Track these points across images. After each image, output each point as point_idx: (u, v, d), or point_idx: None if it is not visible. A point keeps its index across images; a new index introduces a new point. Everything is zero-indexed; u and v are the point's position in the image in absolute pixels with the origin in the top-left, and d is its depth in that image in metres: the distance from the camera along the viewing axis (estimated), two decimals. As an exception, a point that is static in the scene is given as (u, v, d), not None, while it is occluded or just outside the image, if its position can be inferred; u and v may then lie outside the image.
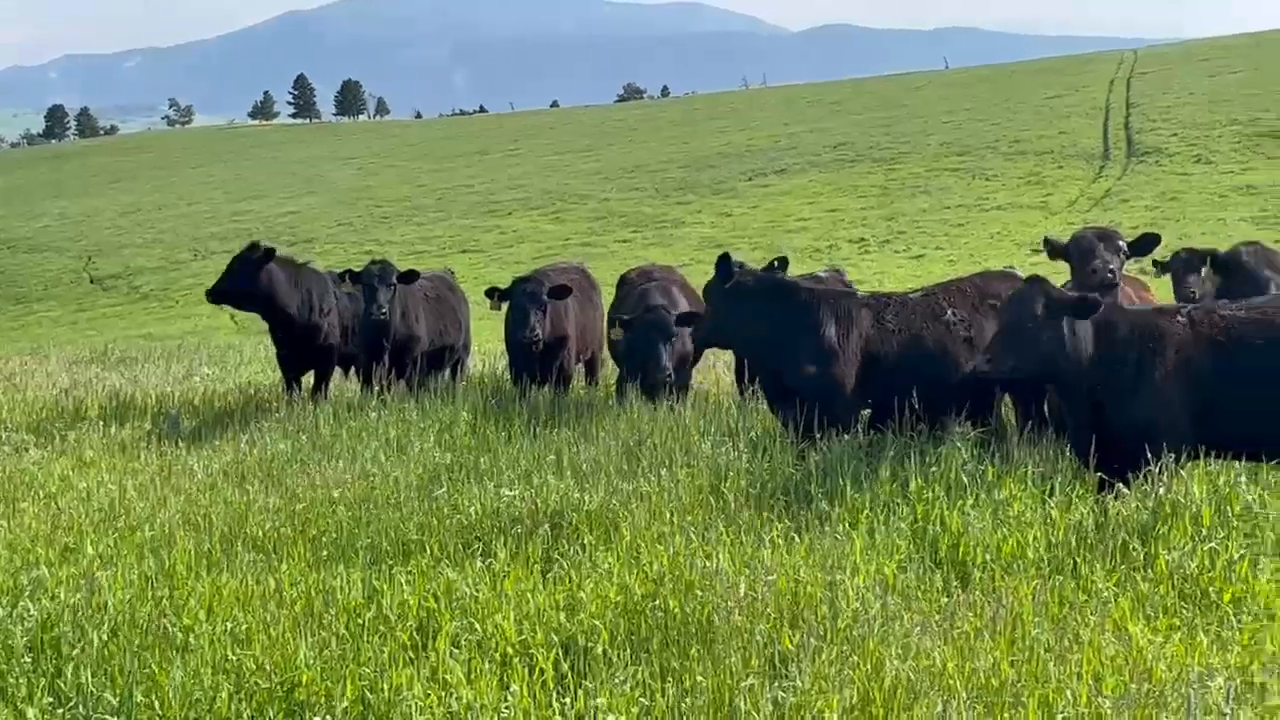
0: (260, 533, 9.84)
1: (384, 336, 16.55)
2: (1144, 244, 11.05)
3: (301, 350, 16.69)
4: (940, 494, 9.58)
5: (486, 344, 22.93)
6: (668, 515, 9.42)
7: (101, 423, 15.07)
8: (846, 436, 11.06)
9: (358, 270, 16.55)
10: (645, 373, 13.88)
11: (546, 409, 14.00)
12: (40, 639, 7.44)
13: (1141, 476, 9.57)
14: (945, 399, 11.45)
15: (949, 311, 11.85)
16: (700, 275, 13.90)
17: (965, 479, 9.90)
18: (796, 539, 8.83)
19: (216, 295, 16.52)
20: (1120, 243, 10.69)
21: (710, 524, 9.14)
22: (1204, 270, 14.74)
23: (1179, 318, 9.81)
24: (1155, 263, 14.75)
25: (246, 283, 16.01)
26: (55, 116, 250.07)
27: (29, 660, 7.12)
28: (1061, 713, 6.24)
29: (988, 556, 8.51)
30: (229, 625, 7.62)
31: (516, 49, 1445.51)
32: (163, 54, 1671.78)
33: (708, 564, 8.20)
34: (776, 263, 15.04)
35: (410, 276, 16.69)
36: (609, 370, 17.01)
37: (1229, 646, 6.99)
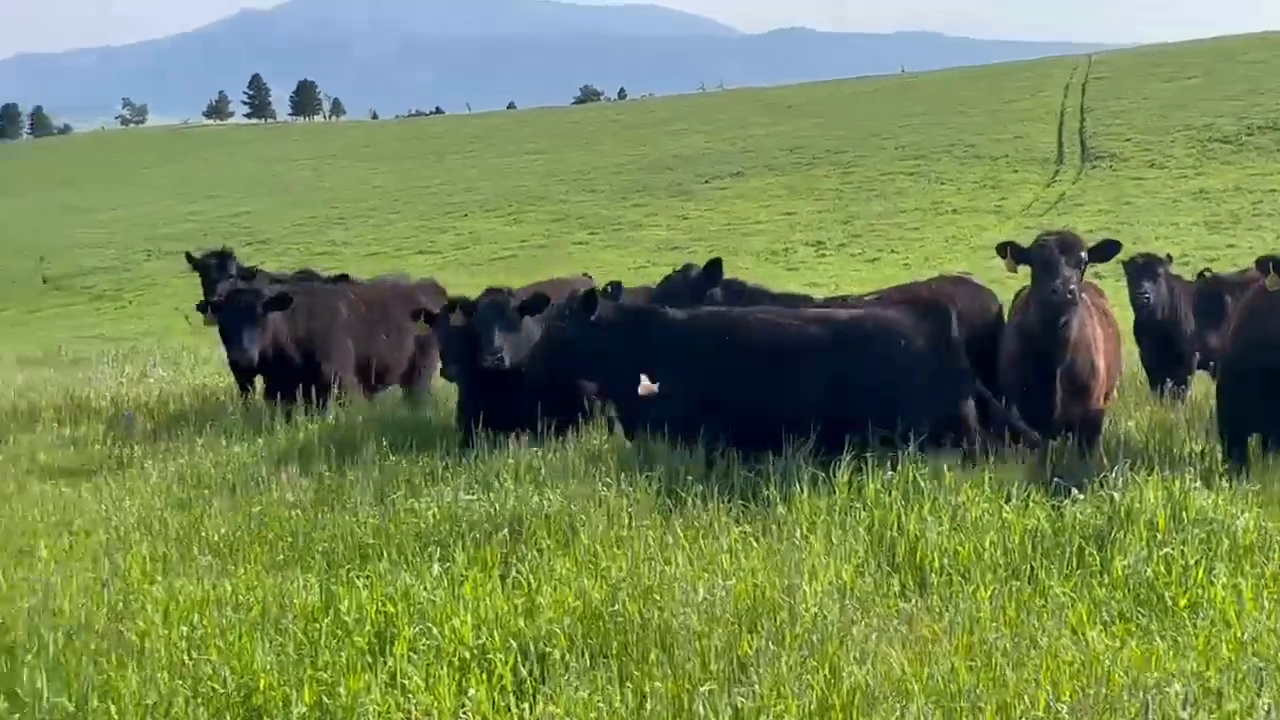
0: (216, 536, 9.77)
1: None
2: (1104, 250, 11.07)
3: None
4: (897, 499, 9.60)
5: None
6: (626, 520, 9.40)
7: (56, 424, 14.95)
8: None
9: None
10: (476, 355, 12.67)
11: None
12: (-5, 643, 7.37)
13: (1096, 482, 9.65)
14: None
15: None
16: (656, 278, 13.83)
17: (922, 483, 9.92)
18: (754, 543, 8.83)
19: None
20: (1081, 253, 10.70)
21: (668, 529, 9.13)
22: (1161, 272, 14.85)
23: None
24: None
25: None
26: (8, 115, 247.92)
27: (-18, 665, 7.05)
28: (1020, 718, 6.27)
29: (945, 561, 8.53)
30: (185, 630, 7.57)
31: (472, 50, 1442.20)
32: (117, 52, 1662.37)
33: (666, 569, 8.19)
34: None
35: (282, 301, 14.61)
36: None
37: (1185, 652, 7.02)
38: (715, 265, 13.88)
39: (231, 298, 14.30)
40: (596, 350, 11.50)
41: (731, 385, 11.15)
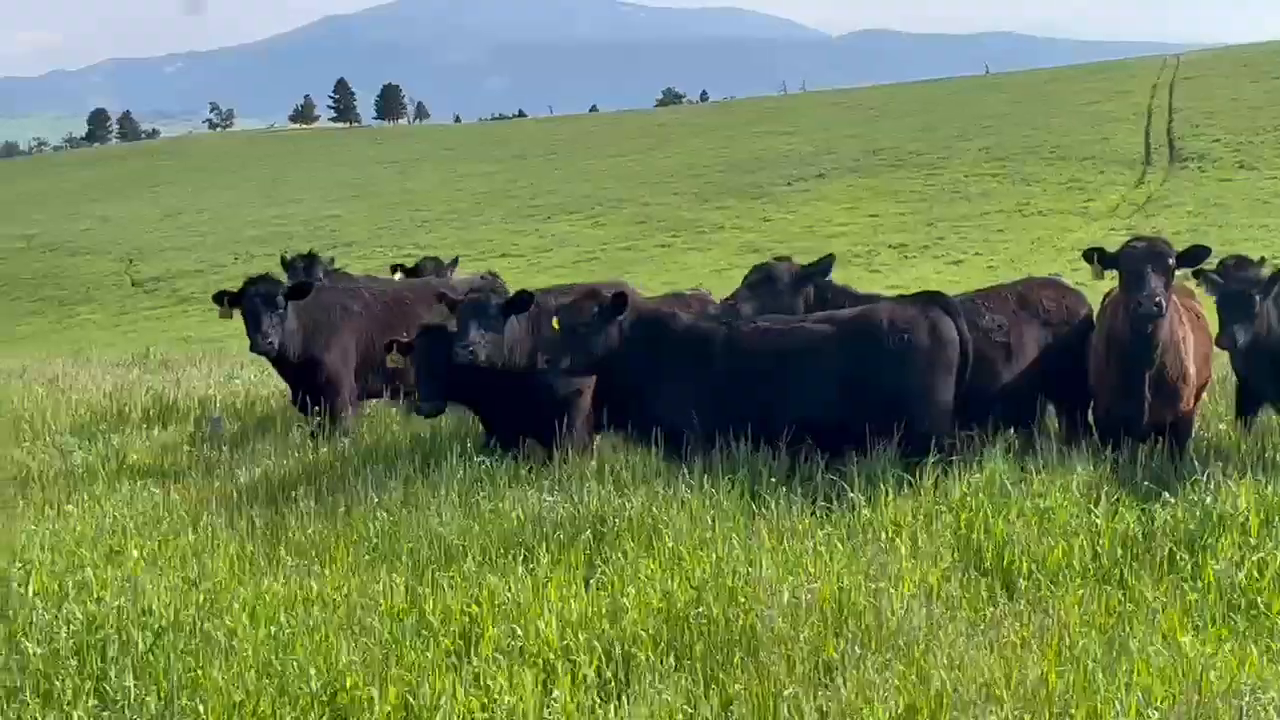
0: (302, 537, 9.84)
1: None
2: (1193, 256, 10.89)
3: None
4: (984, 502, 9.52)
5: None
6: (709, 521, 9.38)
7: (144, 426, 15.12)
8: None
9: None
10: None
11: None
12: (85, 642, 7.45)
13: (1187, 485, 9.53)
14: (981, 404, 11.35)
15: (986, 317, 11.74)
16: (738, 281, 13.62)
17: (1009, 487, 9.84)
18: (839, 546, 8.78)
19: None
20: (1170, 260, 10.53)
21: (752, 531, 9.10)
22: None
23: None
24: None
25: None
26: (98, 120, 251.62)
27: (74, 663, 7.13)
28: (1110, 724, 6.19)
29: (1033, 565, 8.45)
30: (272, 629, 7.63)
31: (555, 53, 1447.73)
32: (204, 58, 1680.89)
33: (750, 570, 8.16)
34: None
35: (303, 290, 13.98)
36: None
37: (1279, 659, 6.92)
38: (826, 261, 13.42)
39: (251, 285, 13.65)
40: (615, 352, 11.42)
41: (739, 389, 11.16)
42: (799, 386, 10.98)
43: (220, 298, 13.93)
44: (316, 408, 13.92)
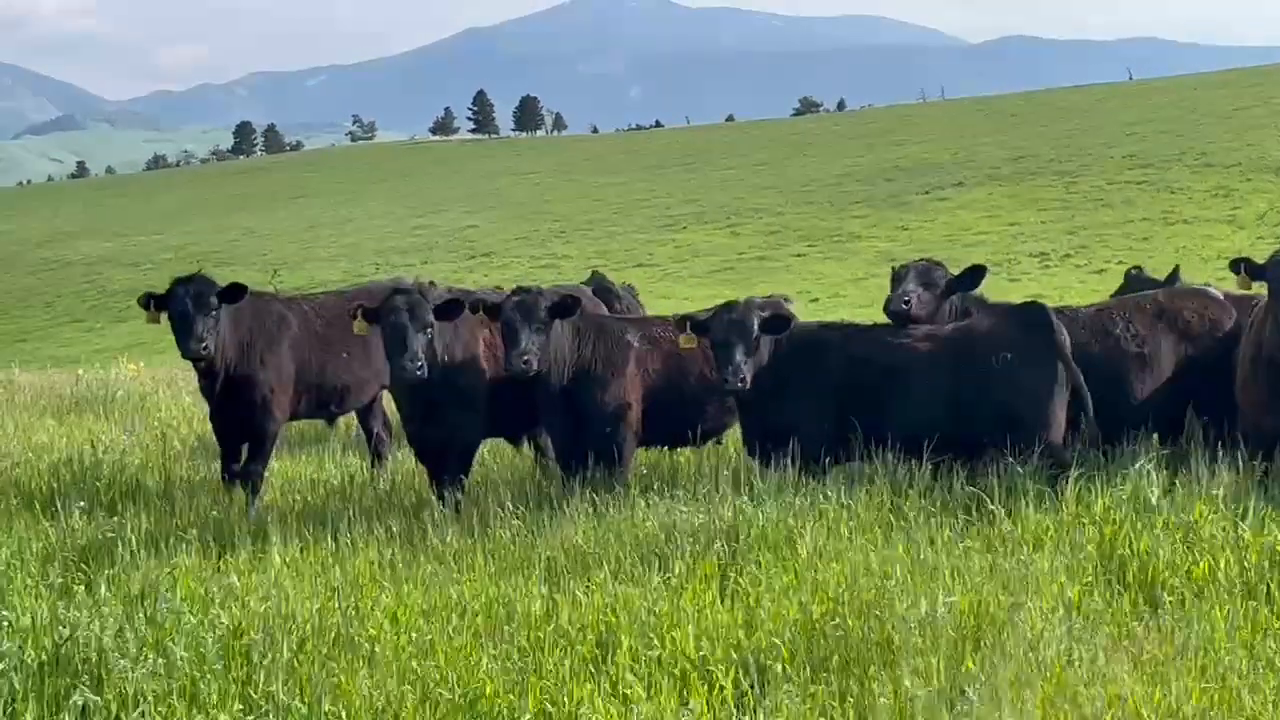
0: (440, 544, 9.95)
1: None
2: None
3: None
4: (1128, 515, 9.37)
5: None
6: (845, 532, 9.34)
7: (289, 432, 15.38)
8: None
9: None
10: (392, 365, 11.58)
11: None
12: (231, 647, 7.61)
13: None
14: (1115, 416, 11.19)
15: (1120, 326, 11.56)
16: (877, 290, 13.53)
17: (1154, 500, 9.68)
18: (977, 559, 8.69)
19: None
20: None
21: (888, 542, 9.04)
22: None
23: None
24: None
25: None
26: (243, 133, 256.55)
27: (220, 667, 7.27)
28: (1257, 744, 6.07)
29: (1177, 580, 8.30)
30: (413, 635, 7.73)
31: (691, 63, 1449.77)
32: (346, 71, 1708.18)
33: (887, 582, 8.11)
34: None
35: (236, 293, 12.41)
36: None
37: None
38: (976, 271, 13.03)
39: (180, 285, 12.20)
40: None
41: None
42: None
43: (146, 301, 12.32)
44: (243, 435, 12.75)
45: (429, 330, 11.22)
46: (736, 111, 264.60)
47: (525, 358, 11.07)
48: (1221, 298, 12.16)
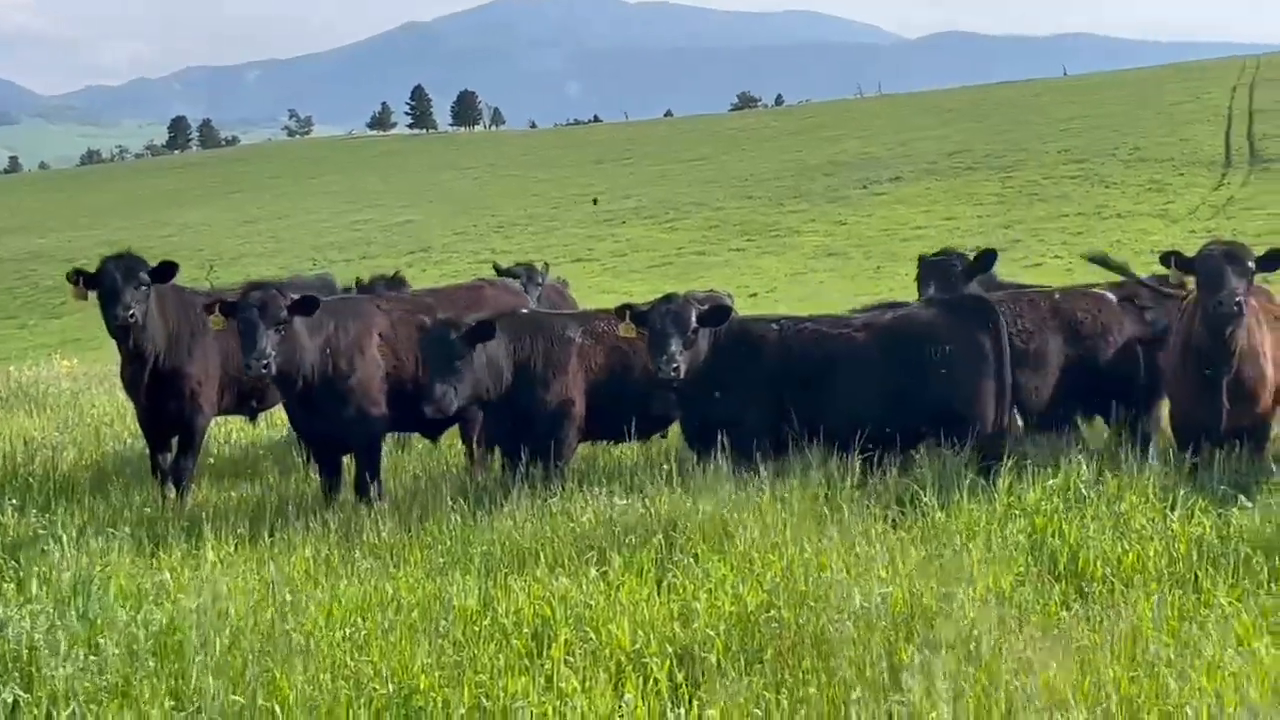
0: (377, 540, 9.93)
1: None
2: (1272, 260, 10.77)
3: None
4: (1059, 506, 9.48)
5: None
6: (781, 525, 9.38)
7: (223, 429, 15.29)
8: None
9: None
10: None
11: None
12: (163, 643, 7.56)
13: (1264, 489, 9.46)
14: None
15: (1014, 321, 11.73)
16: (814, 284, 13.64)
17: (1085, 491, 9.79)
18: (911, 550, 8.76)
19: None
20: (1248, 263, 10.43)
21: (824, 535, 9.10)
22: None
23: None
24: None
25: None
26: (178, 128, 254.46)
27: (153, 664, 7.23)
28: (1183, 730, 6.15)
29: (1108, 570, 8.41)
30: (348, 630, 7.71)
31: (630, 59, 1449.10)
32: (283, 65, 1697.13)
33: (822, 575, 8.17)
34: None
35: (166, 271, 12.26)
36: None
37: (1358, 665, 6.83)
38: (987, 256, 13.53)
39: (110, 261, 12.01)
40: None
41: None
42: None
43: (75, 277, 12.07)
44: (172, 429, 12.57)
45: (282, 328, 11.04)
46: (675, 107, 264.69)
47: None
48: (1115, 301, 12.40)
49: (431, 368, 11.06)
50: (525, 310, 12.60)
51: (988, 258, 13.49)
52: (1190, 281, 11.01)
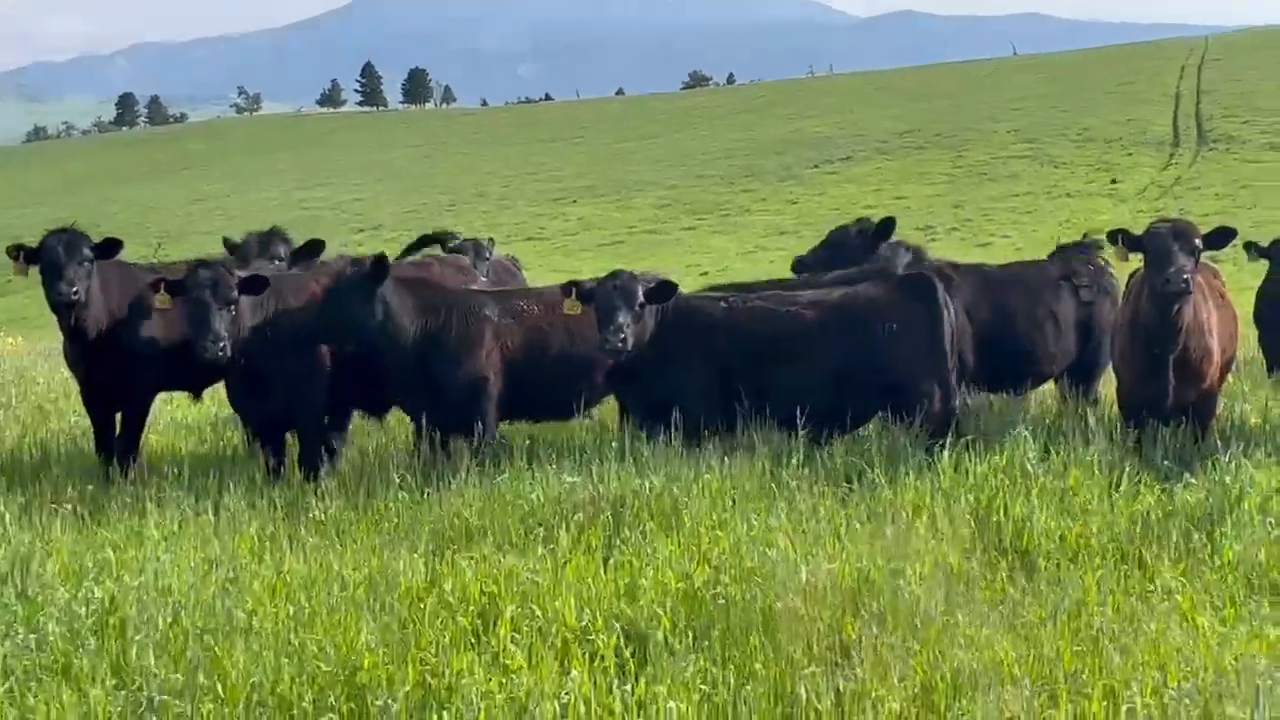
0: (323, 516, 9.86)
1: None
2: (1219, 238, 10.87)
3: None
4: (1004, 482, 9.52)
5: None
6: (729, 502, 9.39)
7: (166, 405, 15.13)
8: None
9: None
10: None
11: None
12: (105, 621, 7.49)
13: (1208, 466, 9.54)
14: None
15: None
16: (766, 263, 13.71)
17: (1030, 467, 9.84)
18: (858, 526, 8.78)
19: None
20: (1195, 241, 10.50)
21: (771, 511, 9.10)
22: None
23: None
24: (1251, 246, 14.59)
25: None
26: (126, 105, 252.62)
27: (94, 642, 7.16)
28: (1126, 703, 6.18)
29: (1052, 545, 8.45)
30: (291, 609, 7.66)
31: (582, 39, 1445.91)
32: (232, 42, 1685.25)
33: (769, 551, 8.17)
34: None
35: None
36: None
37: (1298, 639, 6.89)
38: (887, 223, 14.04)
39: (52, 236, 11.70)
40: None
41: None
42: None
43: (16, 252, 11.82)
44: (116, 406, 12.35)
45: (233, 307, 10.99)
46: (626, 86, 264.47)
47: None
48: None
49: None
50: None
51: (887, 226, 14.03)
52: (1136, 260, 11.07)
